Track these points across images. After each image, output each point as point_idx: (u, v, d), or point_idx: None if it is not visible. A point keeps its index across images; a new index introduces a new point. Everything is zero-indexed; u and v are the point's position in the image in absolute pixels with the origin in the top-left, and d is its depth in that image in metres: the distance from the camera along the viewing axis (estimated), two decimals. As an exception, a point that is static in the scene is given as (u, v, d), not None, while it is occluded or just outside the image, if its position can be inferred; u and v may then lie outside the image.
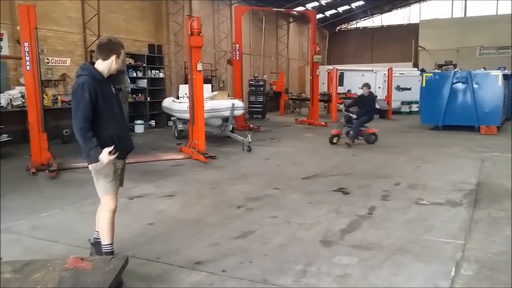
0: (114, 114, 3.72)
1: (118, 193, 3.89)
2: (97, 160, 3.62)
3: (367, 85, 11.59)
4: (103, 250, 3.76)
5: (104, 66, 3.70)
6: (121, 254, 3.78)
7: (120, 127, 3.79)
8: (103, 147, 3.54)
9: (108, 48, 3.67)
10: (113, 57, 3.68)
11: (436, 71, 17.03)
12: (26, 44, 8.08)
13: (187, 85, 11.10)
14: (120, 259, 3.39)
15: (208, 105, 10.89)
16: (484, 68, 16.17)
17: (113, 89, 3.82)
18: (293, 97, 25.05)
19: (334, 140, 11.32)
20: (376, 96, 12.47)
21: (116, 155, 3.61)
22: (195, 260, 4.11)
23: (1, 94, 11.09)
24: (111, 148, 3.55)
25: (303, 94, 25.71)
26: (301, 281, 3.71)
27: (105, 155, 3.54)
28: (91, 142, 3.55)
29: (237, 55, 16.04)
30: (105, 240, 3.76)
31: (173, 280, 3.71)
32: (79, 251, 3.99)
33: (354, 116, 11.04)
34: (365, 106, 11.33)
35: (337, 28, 38.41)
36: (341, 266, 3.98)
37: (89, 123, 3.55)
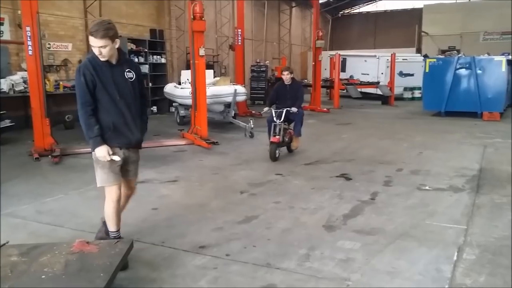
0: (116, 101, 3.54)
1: (127, 181, 3.89)
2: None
3: (287, 69, 8.43)
4: (110, 236, 3.79)
5: None
6: (126, 238, 3.81)
7: (122, 116, 3.59)
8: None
9: (114, 29, 3.54)
10: (116, 40, 3.55)
11: (440, 56, 16.92)
12: (28, 29, 8.03)
13: (189, 70, 11.07)
14: (125, 243, 3.43)
15: (210, 90, 10.86)
16: (488, 53, 16.05)
17: (126, 73, 3.62)
18: (295, 83, 24.92)
19: (277, 155, 7.90)
20: (301, 82, 9.26)
21: (113, 158, 3.54)
22: (199, 244, 4.14)
23: (3, 79, 11.07)
24: (110, 151, 3.53)
25: (305, 80, 25.56)
26: (304, 264, 3.74)
27: (102, 151, 3.50)
28: (92, 130, 3.47)
29: (239, 40, 15.91)
30: (111, 227, 3.78)
31: (178, 264, 3.75)
32: (84, 235, 4.03)
33: (294, 109, 8.01)
34: (293, 97, 8.18)
35: (340, 13, 38.03)
36: (344, 251, 4.01)
37: (90, 108, 3.47)
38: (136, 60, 15.47)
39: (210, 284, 3.42)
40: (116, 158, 3.60)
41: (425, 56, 17.04)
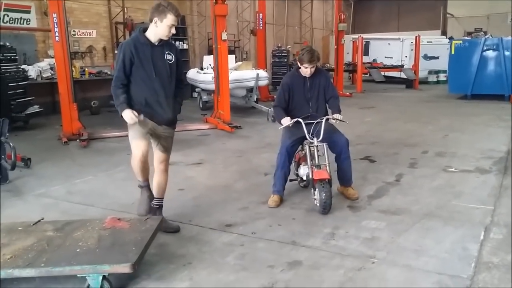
0: (151, 79, 3.73)
1: (158, 155, 4.02)
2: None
3: (312, 53, 4.69)
4: (141, 186, 4.08)
5: (150, 29, 3.77)
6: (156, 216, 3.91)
7: (155, 93, 3.77)
8: (132, 108, 3.70)
9: (152, 11, 3.72)
10: (154, 20, 3.69)
11: (466, 38, 16.50)
12: (54, 15, 8.18)
13: (211, 56, 11.11)
14: (155, 219, 3.55)
15: (232, 75, 10.89)
16: (516, 34, 15.58)
17: (166, 55, 3.81)
18: (317, 67, 24.72)
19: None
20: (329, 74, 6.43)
21: (137, 119, 3.68)
22: (225, 223, 4.23)
23: (31, 66, 11.33)
24: (135, 113, 3.68)
25: (327, 64, 25.29)
26: (329, 243, 3.78)
27: (127, 113, 3.67)
28: (118, 98, 3.72)
29: (261, 25, 15.83)
30: (137, 177, 4.04)
31: (206, 240, 3.85)
32: (114, 214, 4.13)
33: (338, 116, 5.00)
34: (316, 98, 4.99)
35: (362, -5, 37.31)
36: (369, 230, 4.03)
37: (120, 82, 3.72)
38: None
39: (237, 260, 3.50)
40: (141, 117, 3.73)
41: (451, 38, 16.65)
